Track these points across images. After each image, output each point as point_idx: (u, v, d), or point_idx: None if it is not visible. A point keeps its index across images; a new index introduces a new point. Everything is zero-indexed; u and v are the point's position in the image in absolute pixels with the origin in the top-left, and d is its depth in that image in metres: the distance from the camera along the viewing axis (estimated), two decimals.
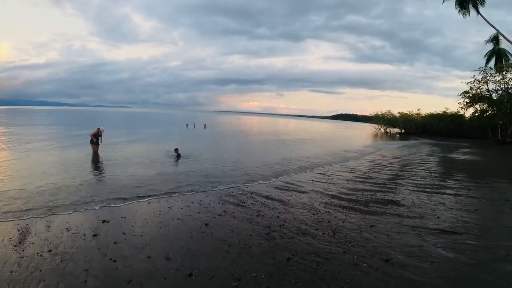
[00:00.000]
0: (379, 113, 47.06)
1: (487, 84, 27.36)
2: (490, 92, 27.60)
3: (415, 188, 8.11)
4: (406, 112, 44.71)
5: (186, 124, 36.37)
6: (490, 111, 28.17)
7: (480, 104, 29.12)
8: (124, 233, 4.34)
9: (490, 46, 28.58)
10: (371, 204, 6.42)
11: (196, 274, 3.31)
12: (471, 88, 28.08)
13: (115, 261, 3.54)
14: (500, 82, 26.23)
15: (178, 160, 11.28)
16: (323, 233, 4.62)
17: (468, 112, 31.23)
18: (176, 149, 11.94)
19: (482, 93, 27.96)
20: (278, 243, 4.16)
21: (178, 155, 11.71)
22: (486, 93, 27.81)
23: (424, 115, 43.32)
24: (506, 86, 26.18)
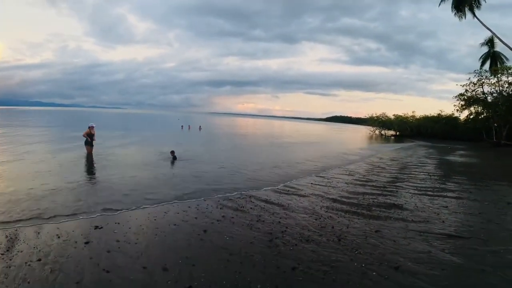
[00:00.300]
0: (374, 115, 47.35)
1: (482, 87, 27.63)
2: (485, 95, 27.87)
3: (416, 191, 8.00)
4: (401, 114, 45.04)
5: (181, 126, 36.08)
6: (485, 114, 28.39)
7: (475, 106, 29.37)
8: (117, 241, 4.09)
9: (485, 49, 28.98)
10: (373, 208, 6.26)
11: (196, 287, 3.09)
12: (466, 90, 28.34)
13: (109, 271, 3.30)
14: (495, 84, 26.50)
15: (174, 162, 11.03)
16: (328, 240, 4.43)
17: (463, 115, 31.50)
18: (172, 152, 11.70)
19: (478, 95, 28.20)
20: (281, 251, 3.95)
21: (174, 158, 11.46)
22: (481, 95, 28.06)
23: (419, 117, 43.66)
24: (501, 88, 26.44)
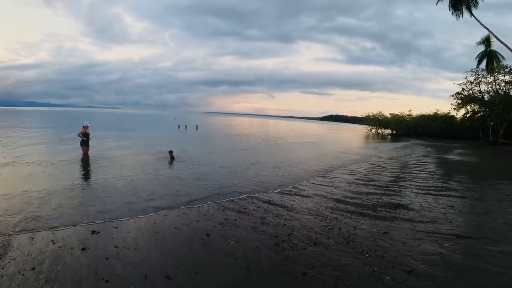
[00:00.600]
0: (370, 114, 47.44)
1: (479, 86, 27.74)
2: (482, 93, 27.97)
3: (419, 191, 7.89)
4: (398, 113, 45.16)
5: (178, 126, 35.77)
6: (482, 112, 28.50)
7: (472, 105, 29.48)
8: (116, 246, 3.86)
9: (481, 48, 29.12)
10: (379, 208, 6.12)
11: None
12: (463, 89, 28.41)
13: (108, 281, 3.08)
14: (492, 83, 26.60)
15: (172, 162, 10.79)
16: (336, 242, 4.25)
17: (460, 113, 31.60)
18: (170, 152, 11.47)
19: (474, 94, 28.30)
20: (290, 256, 3.77)
21: (172, 158, 11.23)
22: (478, 94, 28.17)
23: (415, 116, 43.79)
24: (497, 87, 26.56)
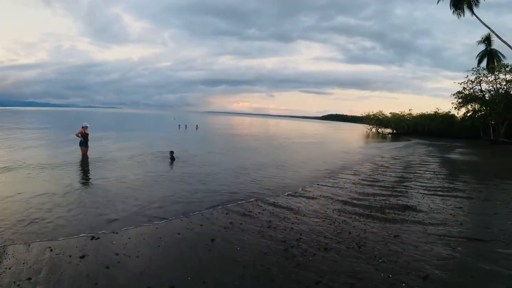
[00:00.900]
0: (370, 113, 47.33)
1: (480, 85, 27.62)
2: (483, 92, 27.86)
3: (426, 192, 7.74)
4: (398, 112, 45.06)
5: (178, 125, 35.63)
6: (483, 111, 28.38)
7: (472, 104, 29.37)
8: (117, 254, 3.67)
9: (481, 47, 28.99)
10: (387, 210, 5.95)
11: None
12: (464, 88, 28.30)
13: None
14: (493, 82, 26.49)
15: (173, 163, 10.60)
16: (347, 247, 4.07)
17: (460, 112, 31.47)
18: (171, 152, 11.28)
19: (475, 93, 28.19)
20: (300, 262, 3.58)
21: (172, 158, 11.05)
22: (479, 93, 28.05)
23: (415, 115, 43.70)
24: (498, 86, 26.45)
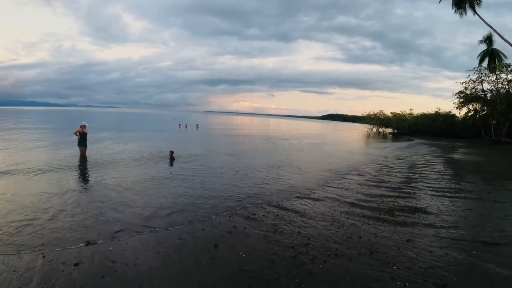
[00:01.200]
0: (371, 113, 47.04)
1: (482, 84, 27.39)
2: (485, 92, 27.64)
3: (434, 193, 7.53)
4: (399, 112, 44.78)
5: (178, 125, 35.40)
6: (484, 111, 28.16)
7: (473, 104, 29.16)
8: (113, 261, 3.40)
9: (483, 47, 28.79)
10: (396, 212, 5.72)
11: None
12: (465, 88, 28.07)
13: None
14: (495, 82, 26.29)
15: (173, 163, 10.35)
16: (359, 253, 3.83)
17: (462, 112, 31.22)
18: (171, 152, 11.04)
19: (477, 93, 27.96)
20: (311, 271, 3.33)
21: (172, 158, 10.80)
22: (481, 93, 27.83)
23: (416, 115, 43.41)
24: (500, 86, 26.24)
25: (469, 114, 30.38)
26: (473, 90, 27.92)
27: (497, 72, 26.02)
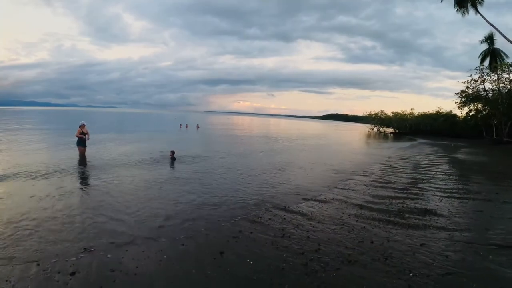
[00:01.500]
0: (372, 113, 46.87)
1: (483, 84, 27.26)
2: (487, 92, 27.50)
3: (442, 194, 7.35)
4: (400, 112, 44.64)
5: (179, 125, 35.24)
6: (487, 111, 28.01)
7: (475, 103, 29.04)
8: (112, 270, 3.17)
9: (484, 46, 28.66)
10: (406, 215, 5.53)
11: None
12: (467, 87, 27.94)
13: None
14: (497, 81, 26.17)
15: (174, 163, 10.14)
16: (373, 259, 3.62)
17: (463, 112, 31.09)
18: (172, 152, 10.84)
19: (479, 92, 27.84)
20: (324, 279, 3.11)
21: (173, 158, 10.60)
22: (483, 92, 27.69)
23: (417, 114, 43.28)
24: (502, 85, 26.11)
25: (471, 114, 30.27)
26: (475, 90, 27.81)
27: (498, 72, 25.91)
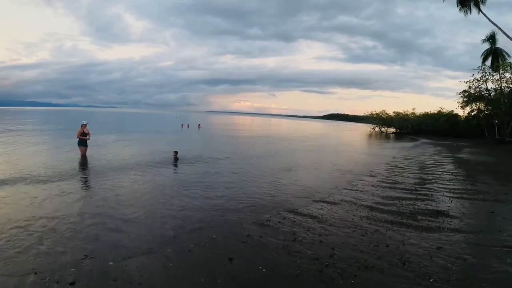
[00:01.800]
0: (373, 113, 46.61)
1: (486, 83, 27.11)
2: (489, 91, 27.33)
3: (451, 194, 7.19)
4: (401, 111, 44.41)
5: (181, 125, 35.09)
6: (489, 110, 27.84)
7: (477, 103, 28.87)
8: (114, 279, 2.96)
9: (485, 46, 28.45)
10: (419, 216, 5.36)
11: None
12: (469, 87, 27.79)
13: None
14: (500, 81, 25.99)
15: (177, 164, 9.97)
16: (390, 264, 3.44)
17: (465, 111, 30.92)
18: (175, 152, 10.71)
19: (481, 92, 27.67)
20: (342, 287, 2.92)
21: (176, 159, 10.45)
22: (485, 92, 27.53)
23: (419, 114, 43.07)
24: (504, 85, 25.94)
25: (473, 114, 30.10)
26: (477, 89, 27.64)
27: (500, 71, 25.75)
